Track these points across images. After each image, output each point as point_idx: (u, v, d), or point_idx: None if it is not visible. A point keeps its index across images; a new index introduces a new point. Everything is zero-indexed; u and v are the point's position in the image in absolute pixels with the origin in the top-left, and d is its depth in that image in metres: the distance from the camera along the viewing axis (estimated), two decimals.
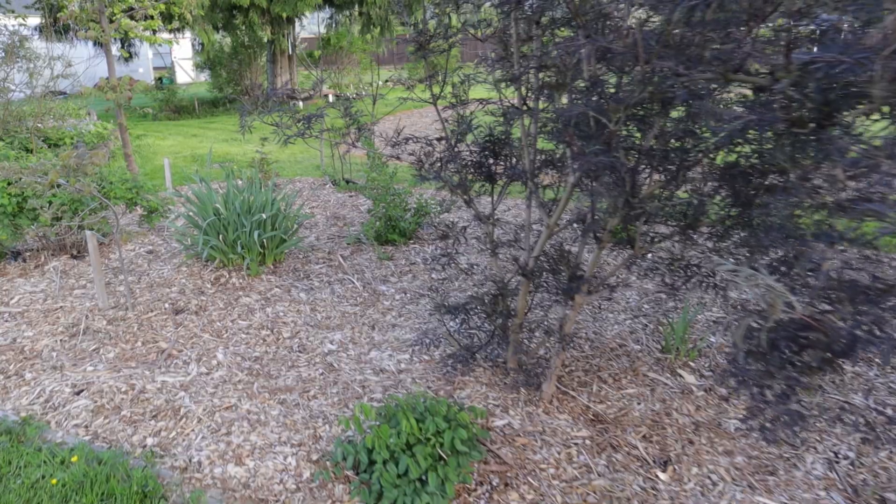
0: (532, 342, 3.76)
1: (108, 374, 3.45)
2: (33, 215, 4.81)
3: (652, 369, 3.59)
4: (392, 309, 4.28)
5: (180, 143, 11.55)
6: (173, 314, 4.14)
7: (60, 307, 4.27)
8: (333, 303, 4.36)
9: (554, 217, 2.80)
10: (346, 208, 6.68)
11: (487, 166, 3.22)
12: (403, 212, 5.47)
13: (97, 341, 3.80)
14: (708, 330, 4.06)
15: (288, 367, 3.54)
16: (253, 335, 3.91)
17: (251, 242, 4.56)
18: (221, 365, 3.56)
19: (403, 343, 3.82)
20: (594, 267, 2.94)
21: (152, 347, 3.74)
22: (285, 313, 4.18)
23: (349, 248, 5.41)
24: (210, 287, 4.54)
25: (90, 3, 5.96)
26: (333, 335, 3.92)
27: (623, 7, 2.18)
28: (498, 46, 2.84)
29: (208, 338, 3.86)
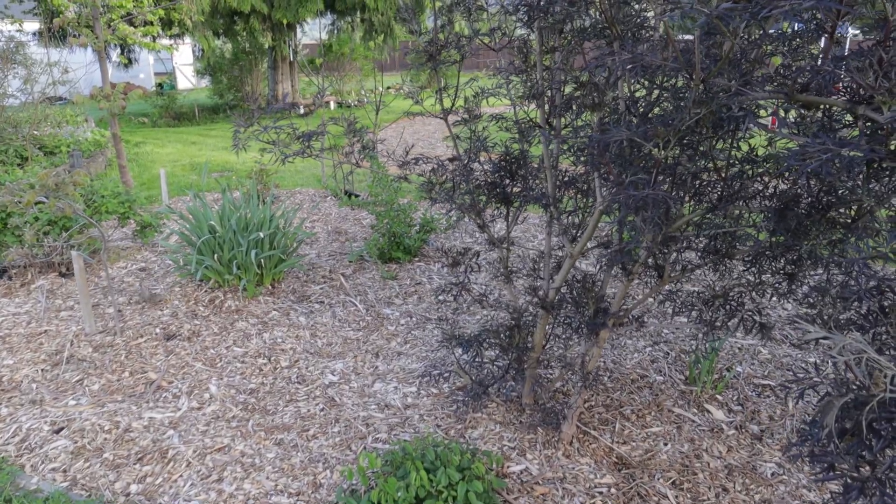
0: (550, 377, 3.50)
1: (92, 409, 3.19)
2: (19, 232, 4.57)
3: (677, 404, 3.34)
4: (397, 334, 4.02)
5: (179, 151, 11.32)
6: (164, 340, 3.89)
7: (45, 331, 4.02)
8: (335, 327, 4.10)
9: (579, 246, 2.55)
10: (347, 222, 6.43)
11: (503, 187, 2.97)
12: (408, 228, 5.22)
13: (81, 371, 3.54)
14: (734, 358, 3.80)
15: (286, 402, 3.28)
16: (249, 364, 3.65)
17: (248, 262, 4.30)
18: (214, 398, 3.30)
19: (410, 374, 3.56)
20: (622, 301, 2.69)
21: (140, 378, 3.48)
22: (284, 339, 3.93)
23: (351, 265, 5.16)
24: (204, 310, 4.28)
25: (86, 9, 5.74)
26: (335, 364, 3.66)
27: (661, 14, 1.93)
28: (517, 57, 2.60)
29: (201, 367, 3.60)
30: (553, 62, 2.48)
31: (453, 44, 2.88)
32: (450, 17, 2.89)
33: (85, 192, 4.80)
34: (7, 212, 4.44)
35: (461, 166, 3.02)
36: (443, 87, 3.02)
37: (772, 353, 3.86)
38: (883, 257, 1.44)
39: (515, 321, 3.02)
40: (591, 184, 2.61)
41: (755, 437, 3.06)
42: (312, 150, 2.67)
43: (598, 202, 2.42)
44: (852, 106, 1.43)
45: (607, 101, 1.83)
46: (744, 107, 1.62)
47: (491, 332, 2.98)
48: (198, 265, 4.26)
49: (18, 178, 4.09)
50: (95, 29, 5.83)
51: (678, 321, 4.25)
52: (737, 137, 1.97)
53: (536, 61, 2.41)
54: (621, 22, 1.92)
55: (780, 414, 3.26)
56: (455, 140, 3.08)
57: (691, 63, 1.51)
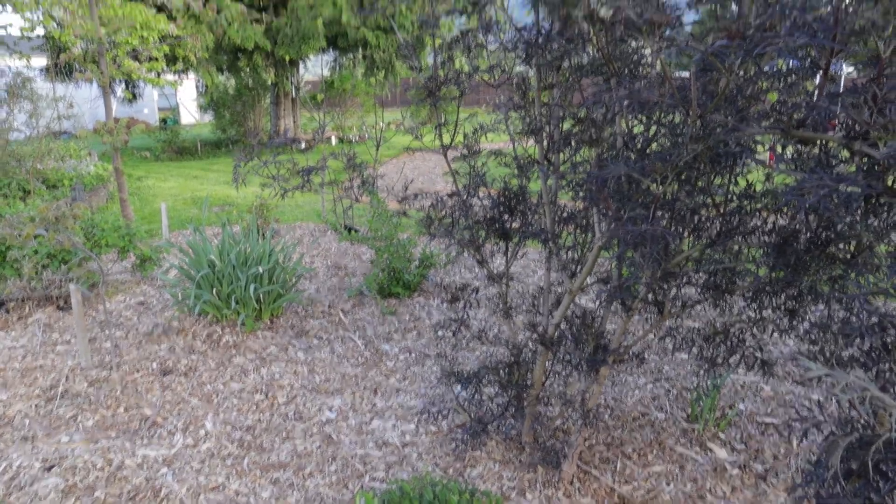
0: (549, 414, 3.45)
1: (85, 445, 3.14)
2: (18, 265, 4.56)
3: (679, 442, 3.28)
4: (396, 371, 3.98)
5: (181, 186, 11.38)
6: (161, 375, 3.85)
7: (40, 366, 3.98)
8: (333, 363, 4.06)
9: (578, 282, 2.54)
10: (347, 257, 6.43)
11: (502, 223, 2.97)
12: (408, 263, 5.21)
13: (76, 407, 3.50)
14: (736, 396, 3.76)
15: (282, 439, 3.23)
16: (246, 400, 3.60)
17: (246, 297, 4.29)
18: (210, 435, 3.25)
19: (409, 411, 3.51)
20: (622, 337, 2.66)
21: (135, 414, 3.44)
22: (281, 375, 3.89)
23: (350, 300, 5.14)
24: (202, 345, 4.25)
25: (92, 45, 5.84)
26: (333, 401, 3.61)
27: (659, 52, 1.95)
28: (515, 93, 2.63)
29: (197, 403, 3.56)
30: (551, 98, 2.51)
31: (453, 80, 2.91)
32: (450, 53, 2.93)
33: (85, 226, 4.81)
34: (6, 245, 4.44)
35: (460, 201, 3.03)
36: (442, 123, 3.04)
37: (774, 390, 3.82)
38: (884, 293, 1.43)
39: (515, 358, 2.99)
40: (589, 219, 2.62)
41: (759, 477, 3.01)
42: (312, 184, 2.68)
43: (597, 238, 2.42)
44: (848, 142, 1.44)
45: (605, 138, 1.84)
46: (741, 142, 1.63)
47: (490, 369, 2.95)
48: (196, 299, 4.24)
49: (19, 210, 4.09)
50: (101, 65, 5.92)
51: (679, 357, 4.21)
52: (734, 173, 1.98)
53: (535, 97, 2.44)
54: (618, 59, 1.95)
55: (784, 453, 3.20)
56: (454, 175, 3.09)
57: (688, 99, 1.53)
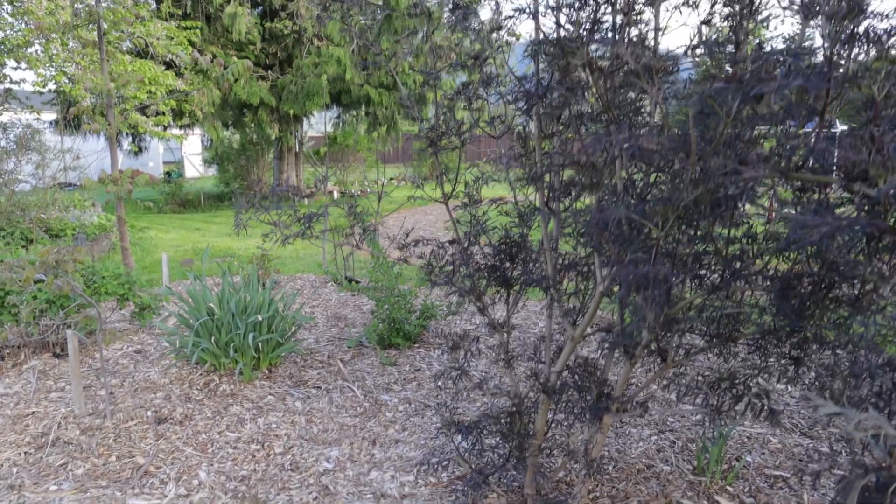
0: (552, 465, 3.37)
1: (73, 494, 3.05)
2: (16, 311, 4.54)
3: (686, 495, 3.19)
4: (395, 421, 3.91)
5: (183, 237, 11.44)
6: (155, 423, 3.77)
7: (33, 413, 3.91)
8: (331, 413, 3.99)
9: (580, 329, 2.52)
10: (347, 308, 6.40)
11: (503, 270, 2.98)
12: (408, 314, 5.19)
13: (66, 455, 3.42)
14: (743, 448, 3.68)
15: (278, 490, 3.14)
16: (241, 450, 3.52)
17: (245, 346, 4.25)
18: (203, 485, 3.17)
19: (408, 462, 3.43)
20: (624, 384, 2.63)
21: (128, 463, 3.36)
22: (278, 425, 3.81)
23: (350, 351, 5.09)
24: (198, 393, 4.19)
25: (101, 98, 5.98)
26: (330, 451, 3.53)
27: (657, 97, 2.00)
28: (516, 143, 2.67)
29: (191, 452, 3.48)
30: (552, 147, 2.55)
31: (454, 131, 2.97)
32: (451, 105, 2.99)
33: (85, 273, 4.81)
34: (5, 290, 4.42)
35: (461, 249, 3.04)
36: (443, 173, 3.09)
37: (782, 441, 3.74)
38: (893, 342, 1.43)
39: (516, 407, 2.95)
40: (591, 267, 2.62)
41: None
42: (313, 231, 2.70)
43: (599, 283, 2.42)
44: (848, 183, 1.46)
45: (605, 183, 1.87)
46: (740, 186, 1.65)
47: (492, 418, 2.90)
48: (194, 347, 4.20)
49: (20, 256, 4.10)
50: (108, 117, 6.05)
51: (684, 409, 4.14)
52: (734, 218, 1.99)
53: (535, 146, 2.48)
54: (618, 107, 1.99)
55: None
56: (455, 224, 3.11)
57: (687, 143, 1.55)
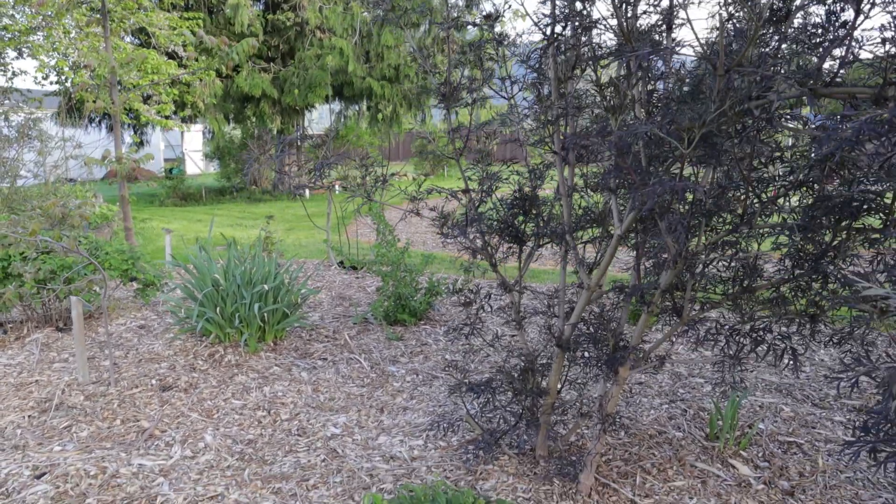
0: (564, 425, 3.32)
1: (78, 455, 3.00)
2: (19, 281, 4.49)
3: (700, 459, 3.14)
4: (403, 391, 3.86)
5: (184, 227, 11.39)
6: (160, 391, 3.72)
7: (36, 381, 3.86)
8: (338, 383, 3.94)
9: (596, 277, 2.48)
10: (351, 289, 6.35)
11: (515, 226, 2.93)
12: (414, 291, 5.14)
13: (70, 418, 3.36)
14: (755, 416, 3.63)
15: (285, 452, 3.09)
16: (247, 416, 3.47)
17: (250, 316, 4.20)
18: (209, 448, 3.12)
19: (416, 428, 3.38)
20: (641, 334, 2.58)
21: (132, 426, 3.30)
22: (284, 393, 3.76)
23: (355, 327, 5.04)
24: (203, 364, 4.13)
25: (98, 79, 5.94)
26: (337, 418, 3.48)
27: None
28: (530, 91, 2.63)
29: (197, 417, 3.43)
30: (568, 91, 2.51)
31: (465, 87, 2.93)
32: (463, 60, 2.95)
33: (89, 247, 4.76)
34: (9, 259, 4.37)
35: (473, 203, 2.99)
36: (455, 129, 3.04)
37: (794, 410, 3.69)
38: None
39: (529, 363, 2.90)
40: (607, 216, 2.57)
41: (786, 493, 2.86)
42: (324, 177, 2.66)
43: (616, 227, 2.37)
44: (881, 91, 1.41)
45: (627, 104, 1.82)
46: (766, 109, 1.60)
47: (505, 374, 2.85)
48: (199, 317, 4.15)
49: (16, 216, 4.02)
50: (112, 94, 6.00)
51: (694, 381, 4.09)
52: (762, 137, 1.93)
53: (552, 90, 2.43)
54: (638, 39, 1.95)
55: (810, 470, 3.06)
56: (466, 180, 3.07)
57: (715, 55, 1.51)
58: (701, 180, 2.03)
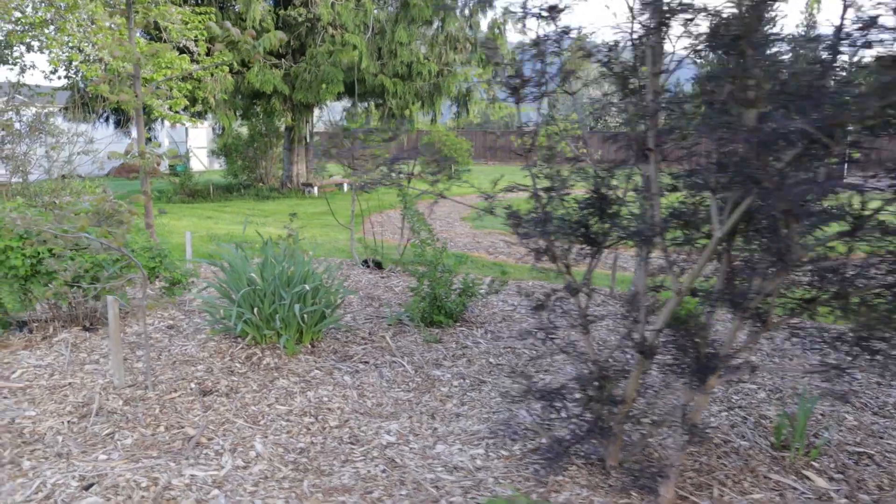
0: (637, 434, 3.18)
1: (125, 464, 2.85)
2: (48, 279, 4.33)
3: (772, 470, 3.01)
4: (451, 396, 3.72)
5: (195, 224, 11.23)
6: (200, 395, 3.57)
7: (69, 384, 3.71)
8: (383, 388, 3.80)
9: (688, 280, 2.34)
10: (379, 289, 6.21)
11: (589, 227, 2.79)
12: (450, 291, 5.00)
13: (112, 424, 3.21)
14: (818, 425, 3.49)
15: (342, 462, 2.95)
16: (295, 422, 3.33)
17: (290, 317, 4.05)
18: (261, 457, 2.97)
19: (473, 435, 3.24)
20: (732, 341, 2.45)
21: (177, 434, 3.16)
22: (330, 398, 3.62)
23: (390, 328, 4.90)
24: (241, 366, 3.99)
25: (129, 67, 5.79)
26: (389, 425, 3.34)
27: None
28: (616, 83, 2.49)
29: (243, 424, 3.28)
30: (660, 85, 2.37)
31: (536, 80, 2.79)
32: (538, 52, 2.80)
33: None
34: (38, 256, 4.22)
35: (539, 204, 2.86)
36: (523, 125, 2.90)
37: (858, 419, 3.56)
38: None
39: (603, 371, 2.76)
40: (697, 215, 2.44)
41: None
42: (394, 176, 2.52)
43: (716, 228, 2.23)
44: None
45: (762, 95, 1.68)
46: None
47: (584, 380, 2.71)
48: (237, 319, 4.00)
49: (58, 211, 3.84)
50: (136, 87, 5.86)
51: (747, 387, 3.95)
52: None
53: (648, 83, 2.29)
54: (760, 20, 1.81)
55: (888, 483, 2.93)
56: (534, 178, 2.93)
57: None
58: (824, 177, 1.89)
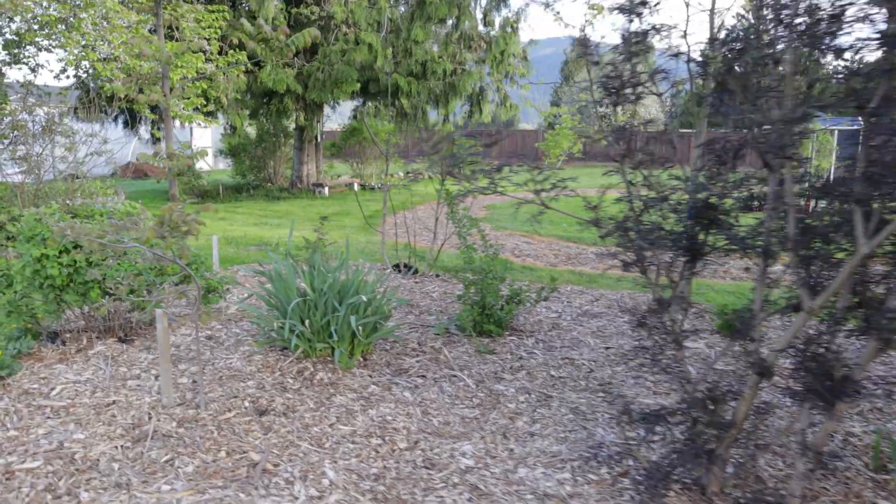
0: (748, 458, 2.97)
1: (192, 496, 2.64)
2: (84, 289, 4.12)
3: (878, 495, 2.82)
4: (521, 413, 3.51)
5: (210, 226, 10.99)
6: (257, 415, 3.36)
7: (114, 402, 3.49)
8: (446, 405, 3.59)
9: (822, 299, 2.14)
10: (415, 295, 6.00)
11: (693, 237, 2.58)
12: (498, 299, 4.79)
13: (169, 449, 3.00)
14: None
15: (423, 490, 2.74)
16: (361, 445, 3.12)
17: (344, 330, 3.84)
18: (335, 486, 2.76)
19: (554, 457, 3.04)
20: (867, 364, 2.25)
21: (241, 459, 2.94)
22: (393, 417, 3.41)
23: (438, 338, 4.69)
24: (293, 382, 3.77)
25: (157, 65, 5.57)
26: (462, 446, 3.13)
27: None
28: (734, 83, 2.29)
29: (308, 447, 3.07)
30: None
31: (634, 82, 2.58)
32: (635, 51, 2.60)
33: None
34: (76, 266, 4.01)
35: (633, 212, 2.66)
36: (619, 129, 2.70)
37: None
38: None
39: (709, 392, 2.56)
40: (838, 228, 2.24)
41: None
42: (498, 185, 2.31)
43: (861, 243, 2.03)
44: None
45: None
46: None
47: (696, 402, 2.51)
48: (290, 332, 3.78)
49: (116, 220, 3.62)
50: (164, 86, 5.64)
51: None
52: None
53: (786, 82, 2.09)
54: None
55: None
56: (629, 185, 2.73)
57: None
58: None
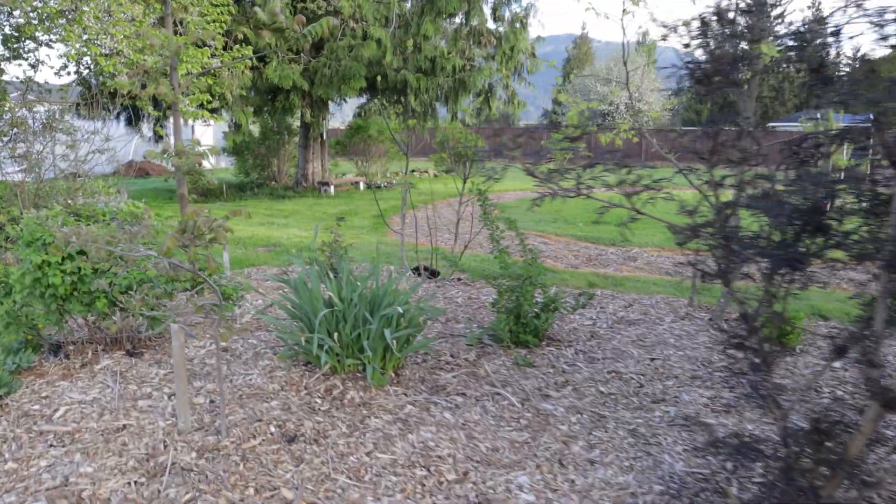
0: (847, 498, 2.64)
1: None
2: (89, 299, 3.77)
3: None
4: (575, 437, 3.17)
5: None
6: (285, 442, 3.02)
7: (125, 427, 3.15)
8: (491, 427, 3.25)
9: None
10: (439, 301, 5.65)
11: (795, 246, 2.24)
12: (533, 306, 4.45)
13: (190, 486, 2.65)
14: None
15: None
16: (406, 477, 2.78)
17: (377, 344, 3.49)
18: None
19: (623, 490, 2.70)
20: None
21: (272, 498, 2.60)
22: (436, 443, 3.07)
23: (472, 350, 4.34)
24: (322, 402, 3.43)
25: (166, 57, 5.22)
26: (517, 477, 2.79)
27: None
28: None
29: (346, 481, 2.72)
30: None
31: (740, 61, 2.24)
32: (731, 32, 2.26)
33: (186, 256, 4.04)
34: (80, 274, 3.66)
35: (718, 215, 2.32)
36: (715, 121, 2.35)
37: None
38: None
39: (817, 424, 2.22)
40: None
41: None
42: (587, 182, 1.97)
43: None
44: None
45: None
46: None
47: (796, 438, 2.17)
48: (319, 347, 3.43)
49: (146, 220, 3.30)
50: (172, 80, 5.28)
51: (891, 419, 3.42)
52: None
53: None
54: None
55: None
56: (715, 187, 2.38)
57: None
58: None
